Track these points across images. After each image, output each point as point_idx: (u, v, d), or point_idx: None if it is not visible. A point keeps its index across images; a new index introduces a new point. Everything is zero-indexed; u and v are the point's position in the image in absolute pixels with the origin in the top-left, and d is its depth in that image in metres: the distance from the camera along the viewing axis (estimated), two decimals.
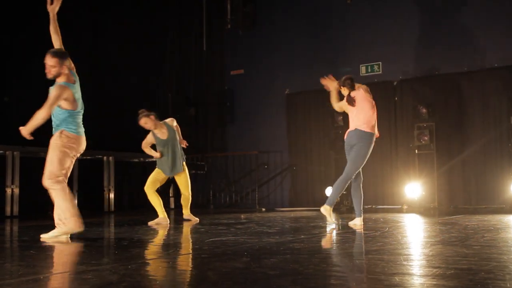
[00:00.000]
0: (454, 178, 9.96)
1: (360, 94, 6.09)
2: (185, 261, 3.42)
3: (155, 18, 12.66)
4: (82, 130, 5.00)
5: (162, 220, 6.82)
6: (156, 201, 6.90)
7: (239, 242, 4.54)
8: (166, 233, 5.70)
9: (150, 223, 6.71)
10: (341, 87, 6.18)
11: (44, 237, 4.79)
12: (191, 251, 3.86)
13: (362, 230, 5.50)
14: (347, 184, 6.08)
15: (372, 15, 10.97)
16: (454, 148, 9.99)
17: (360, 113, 6.02)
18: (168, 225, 6.57)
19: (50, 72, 4.81)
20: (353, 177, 6.03)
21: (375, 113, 6.12)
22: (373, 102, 6.14)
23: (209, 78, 12.91)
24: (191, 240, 4.81)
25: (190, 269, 3.12)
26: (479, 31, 9.99)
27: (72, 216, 4.74)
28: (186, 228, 6.03)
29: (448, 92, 10.13)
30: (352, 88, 6.14)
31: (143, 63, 12.12)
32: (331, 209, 6.02)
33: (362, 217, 6.07)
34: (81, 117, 5.01)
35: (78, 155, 5.01)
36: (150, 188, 6.91)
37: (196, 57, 13.02)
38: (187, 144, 7.08)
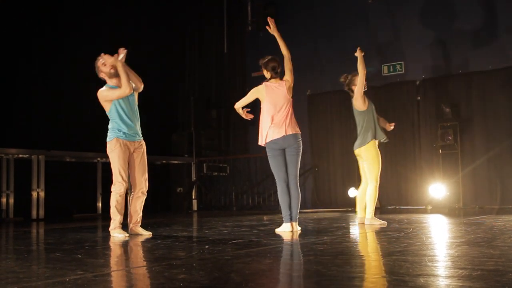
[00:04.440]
0: (479, 178, 9.82)
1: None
2: (208, 263, 3.43)
3: (176, 21, 12.74)
4: None
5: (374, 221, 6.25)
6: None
7: (262, 243, 4.54)
8: (188, 235, 5.72)
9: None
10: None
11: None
12: (214, 253, 3.87)
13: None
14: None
15: (393, 14, 10.88)
16: (478, 148, 9.86)
17: None
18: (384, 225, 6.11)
19: None
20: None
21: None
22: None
23: (230, 80, 12.94)
24: (214, 242, 4.81)
25: (213, 270, 3.12)
26: (503, 28, 9.85)
27: None
28: (209, 230, 6.04)
29: (472, 91, 10.00)
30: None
31: (164, 66, 12.19)
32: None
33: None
34: None
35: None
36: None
37: (217, 59, 13.07)
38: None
